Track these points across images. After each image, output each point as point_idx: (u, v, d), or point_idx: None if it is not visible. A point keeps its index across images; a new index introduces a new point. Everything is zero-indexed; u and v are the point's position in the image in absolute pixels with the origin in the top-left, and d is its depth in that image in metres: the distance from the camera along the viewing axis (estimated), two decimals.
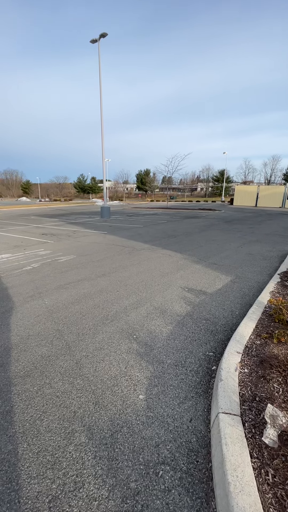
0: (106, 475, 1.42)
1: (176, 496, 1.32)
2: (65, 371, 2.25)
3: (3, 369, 2.28)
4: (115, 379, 2.15)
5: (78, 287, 4.26)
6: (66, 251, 7.08)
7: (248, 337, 2.50)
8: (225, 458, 1.32)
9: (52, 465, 1.47)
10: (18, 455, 1.53)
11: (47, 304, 3.63)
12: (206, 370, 2.26)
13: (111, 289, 4.16)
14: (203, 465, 1.47)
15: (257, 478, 1.25)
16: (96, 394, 1.99)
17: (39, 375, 2.21)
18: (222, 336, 2.78)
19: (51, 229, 11.56)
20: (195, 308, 3.47)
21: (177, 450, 1.55)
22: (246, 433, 1.48)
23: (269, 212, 22.42)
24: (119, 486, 1.36)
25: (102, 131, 16.51)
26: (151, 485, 1.36)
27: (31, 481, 1.39)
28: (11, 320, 3.16)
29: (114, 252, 6.83)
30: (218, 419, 1.56)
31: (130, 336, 2.80)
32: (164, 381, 2.12)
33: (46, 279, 4.74)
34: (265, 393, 1.77)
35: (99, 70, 15.78)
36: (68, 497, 1.31)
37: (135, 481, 1.38)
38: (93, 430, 1.68)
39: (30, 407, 1.87)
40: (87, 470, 1.44)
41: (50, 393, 2.00)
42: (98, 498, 1.31)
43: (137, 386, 2.06)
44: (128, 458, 1.50)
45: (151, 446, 1.57)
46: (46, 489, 1.35)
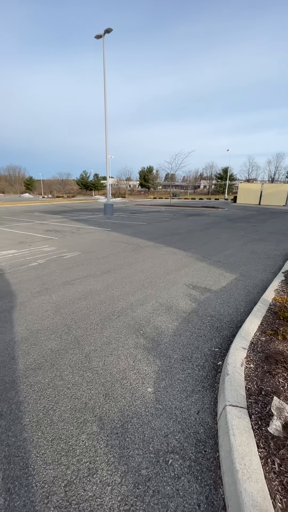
0: (118, 462, 1.48)
1: (186, 482, 1.38)
2: (74, 364, 2.31)
3: (15, 362, 2.35)
4: (123, 372, 2.21)
5: (84, 283, 4.33)
6: (71, 247, 7.15)
7: (254, 333, 2.55)
8: (233, 448, 1.38)
9: (66, 452, 1.54)
10: (33, 443, 1.59)
11: (55, 300, 3.69)
12: (212, 365, 2.31)
13: (116, 286, 4.21)
14: (211, 454, 1.53)
15: (264, 467, 1.31)
16: (106, 386, 2.05)
17: (50, 367, 2.27)
18: (227, 333, 2.83)
19: (55, 225, 11.63)
20: (200, 305, 3.52)
21: (186, 440, 1.61)
22: (253, 425, 1.53)
23: (272, 210, 22.33)
24: (130, 473, 1.42)
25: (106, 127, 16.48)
26: (161, 472, 1.43)
27: (47, 467, 1.46)
28: (20, 315, 3.23)
29: (119, 249, 6.88)
30: (226, 411, 1.62)
31: (137, 331, 2.86)
32: (172, 375, 2.18)
33: (52, 275, 4.81)
34: (270, 388, 1.82)
35: (104, 66, 15.71)
36: (83, 482, 1.38)
37: (146, 468, 1.44)
38: (104, 420, 1.75)
39: (42, 398, 1.94)
40: (99, 457, 1.51)
41: (61, 385, 2.07)
42: (111, 483, 1.38)
43: (145, 380, 2.12)
44: (138, 447, 1.57)
45: (160, 436, 1.63)
46: (62, 474, 1.42)
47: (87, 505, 1.28)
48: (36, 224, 12.00)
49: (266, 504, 1.14)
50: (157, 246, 7.28)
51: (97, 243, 7.71)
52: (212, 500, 1.30)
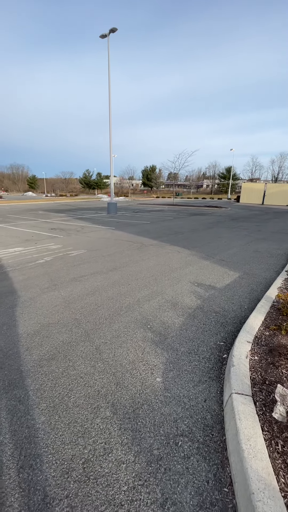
0: (131, 443, 1.59)
1: (195, 462, 1.48)
2: (86, 356, 2.43)
3: (29, 353, 2.47)
4: (133, 363, 2.32)
5: (91, 280, 4.44)
6: (76, 245, 7.26)
7: (258, 328, 2.65)
8: (239, 430, 1.48)
9: (82, 434, 1.65)
10: (51, 425, 1.71)
11: (63, 296, 3.81)
12: (218, 357, 2.41)
13: (123, 283, 4.32)
14: (218, 438, 1.63)
15: (268, 448, 1.41)
16: (117, 376, 2.16)
17: (63, 358, 2.39)
18: (232, 328, 2.93)
19: (60, 224, 11.76)
20: (205, 302, 3.62)
21: (194, 425, 1.71)
22: (257, 411, 1.63)
23: (276, 210, 22.32)
24: (143, 453, 1.53)
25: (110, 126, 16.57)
26: (171, 453, 1.53)
27: (65, 446, 1.57)
28: (31, 309, 3.35)
29: (123, 248, 6.99)
30: (232, 399, 1.72)
31: (145, 326, 2.96)
32: (179, 366, 2.28)
33: (60, 272, 4.92)
34: (274, 378, 1.92)
35: (108, 65, 15.79)
36: (99, 460, 1.49)
37: (157, 449, 1.55)
38: (117, 406, 1.86)
39: (57, 386, 2.05)
40: (114, 439, 1.62)
41: (74, 374, 2.18)
42: (125, 461, 1.48)
43: (154, 370, 2.23)
44: (150, 430, 1.67)
45: (170, 421, 1.74)
46: (79, 453, 1.53)
47: (104, 479, 1.39)
48: (40, 223, 12.15)
49: (270, 479, 1.24)
50: (161, 245, 7.38)
51: (102, 242, 7.82)
52: (219, 477, 1.41)
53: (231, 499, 1.30)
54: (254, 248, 7.11)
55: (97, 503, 1.29)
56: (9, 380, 2.11)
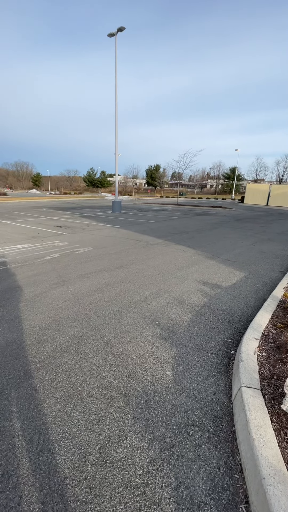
0: (144, 431, 1.66)
1: (206, 450, 1.55)
2: (97, 349, 2.50)
3: (42, 345, 2.54)
4: (143, 357, 2.39)
5: (99, 277, 4.51)
6: (82, 243, 7.35)
7: (265, 326, 2.70)
8: (249, 421, 1.54)
9: (97, 422, 1.72)
10: (67, 413, 1.78)
11: (72, 291, 3.89)
12: (226, 353, 2.47)
13: (130, 280, 4.39)
14: (227, 428, 1.69)
15: (277, 437, 1.47)
16: (128, 368, 2.23)
17: (75, 351, 2.46)
18: (239, 326, 2.99)
19: (65, 221, 11.85)
20: (212, 300, 3.68)
21: (204, 416, 1.78)
22: (266, 403, 1.69)
23: (280, 211, 22.25)
24: (156, 440, 1.60)
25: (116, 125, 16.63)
26: (183, 441, 1.60)
27: (81, 433, 1.65)
28: (42, 304, 3.43)
29: (129, 246, 7.06)
30: (241, 391, 1.78)
31: (153, 322, 3.03)
32: (188, 361, 2.35)
33: (67, 268, 5.01)
34: (282, 373, 1.97)
35: (116, 64, 15.83)
36: (115, 446, 1.56)
37: (170, 437, 1.62)
38: (129, 397, 1.93)
39: (71, 377, 2.12)
40: (128, 427, 1.69)
41: (87, 366, 2.26)
42: (140, 448, 1.55)
43: (164, 364, 2.30)
44: (162, 420, 1.74)
45: (181, 412, 1.80)
46: (95, 439, 1.60)
47: (120, 464, 1.46)
48: (46, 220, 12.25)
49: (280, 465, 1.30)
50: (166, 244, 7.44)
51: (108, 240, 7.89)
52: (230, 464, 1.47)
53: (242, 485, 1.37)
54: (259, 249, 7.14)
55: (114, 485, 1.36)
56: (24, 370, 2.19)
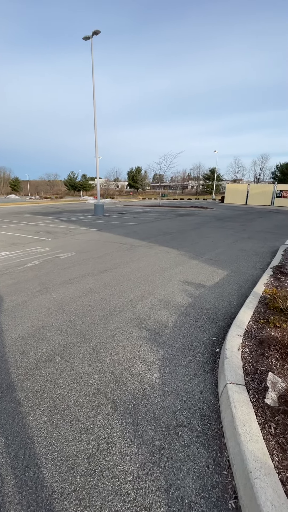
0: (133, 436, 1.65)
1: (195, 449, 1.56)
2: (83, 356, 2.46)
3: (25, 356, 2.46)
4: (130, 361, 2.38)
5: (83, 282, 4.45)
6: (65, 248, 7.22)
7: (247, 322, 2.78)
8: (235, 417, 1.58)
9: (85, 430, 1.69)
10: (53, 424, 1.73)
11: (56, 298, 3.80)
12: (211, 352, 2.52)
13: (115, 284, 4.37)
14: (215, 426, 1.72)
15: (262, 431, 1.51)
16: (115, 374, 2.21)
17: (60, 359, 2.41)
18: (223, 324, 3.05)
19: (46, 227, 11.60)
20: (196, 300, 3.74)
21: (192, 415, 1.80)
22: (251, 398, 1.74)
23: (259, 210, 23.05)
24: (145, 444, 1.60)
25: (95, 129, 16.55)
26: (173, 442, 1.61)
27: (69, 443, 1.61)
28: (24, 313, 3.33)
29: (113, 249, 7.02)
30: (227, 388, 1.82)
31: (139, 325, 3.03)
32: (175, 362, 2.37)
33: (50, 275, 4.89)
34: (265, 367, 2.04)
35: (92, 67, 15.78)
36: (104, 454, 1.54)
37: (159, 440, 1.62)
38: (117, 403, 1.91)
39: (56, 386, 2.07)
40: (116, 433, 1.67)
41: (73, 374, 2.21)
42: (129, 453, 1.54)
43: (151, 367, 2.30)
44: (150, 423, 1.74)
45: (169, 413, 1.81)
46: (84, 449, 1.57)
47: (110, 472, 1.44)
48: (26, 226, 11.93)
49: (266, 458, 1.34)
50: (150, 246, 7.47)
51: (91, 244, 7.81)
52: (218, 461, 1.49)
53: (230, 480, 1.39)
54: (240, 247, 7.35)
55: (104, 494, 1.34)
56: (7, 383, 2.11)
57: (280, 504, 1.13)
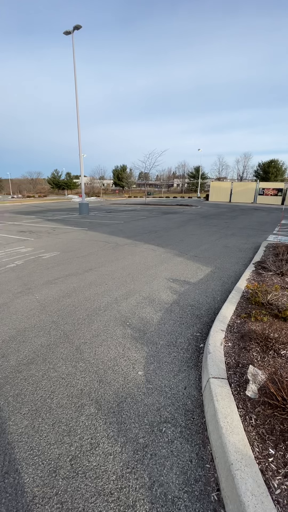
0: (117, 435, 1.63)
1: (178, 445, 1.57)
2: (66, 357, 2.41)
3: (6, 359, 2.39)
4: (114, 360, 2.36)
5: (67, 282, 4.37)
6: (49, 248, 7.06)
7: (230, 317, 2.83)
8: (217, 410, 1.60)
9: (68, 432, 1.66)
10: (35, 428, 1.69)
11: (38, 299, 3.71)
12: (195, 347, 2.54)
13: (99, 283, 4.32)
14: (198, 420, 1.74)
15: (243, 422, 1.54)
16: (99, 373, 2.19)
17: (42, 361, 2.35)
18: (207, 319, 3.09)
19: (29, 226, 11.30)
20: (181, 296, 3.77)
21: (176, 411, 1.81)
22: (233, 391, 1.77)
23: (242, 207, 23.56)
24: (129, 443, 1.59)
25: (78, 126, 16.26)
26: (156, 439, 1.61)
27: (51, 447, 1.57)
28: (5, 315, 3.22)
29: (98, 248, 6.94)
30: (209, 383, 1.84)
31: (124, 323, 3.01)
32: (159, 358, 2.37)
33: (33, 275, 4.77)
34: (246, 360, 2.08)
35: (74, 62, 15.47)
36: (87, 455, 1.52)
37: (143, 437, 1.62)
38: (101, 403, 1.89)
39: (38, 389, 2.02)
40: (100, 433, 1.65)
41: (56, 376, 2.16)
42: (113, 453, 1.53)
43: (135, 365, 2.29)
44: (134, 421, 1.73)
45: (153, 410, 1.81)
46: (66, 451, 1.54)
47: (93, 473, 1.42)
48: (8, 225, 11.56)
49: (246, 449, 1.37)
50: (136, 244, 7.45)
51: (76, 243, 7.69)
52: (201, 455, 1.51)
53: (213, 473, 1.41)
54: (224, 244, 7.49)
55: (87, 496, 1.32)
56: None
57: (260, 494, 1.16)
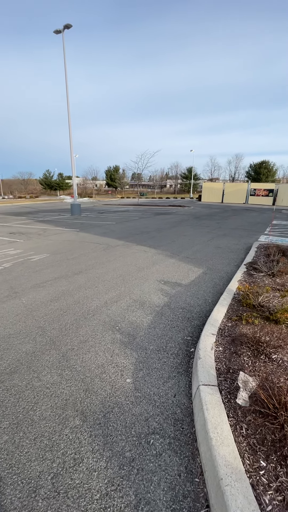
0: (102, 449, 1.55)
1: (167, 458, 1.50)
2: (52, 365, 2.31)
3: None
4: (102, 367, 2.27)
5: (56, 285, 4.25)
6: (38, 249, 6.91)
7: (221, 320, 2.78)
8: (207, 420, 1.54)
9: (51, 447, 1.57)
10: (15, 443, 1.59)
11: (25, 303, 3.59)
12: (186, 352, 2.48)
13: (89, 285, 4.22)
14: (188, 430, 1.67)
15: (233, 433, 1.48)
16: (86, 382, 2.10)
17: (26, 370, 2.24)
18: (198, 322, 3.04)
19: (19, 227, 11.07)
20: (172, 299, 3.70)
21: (165, 421, 1.74)
22: (223, 399, 1.71)
23: (234, 208, 23.75)
24: (115, 457, 1.51)
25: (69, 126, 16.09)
26: (144, 452, 1.53)
27: (31, 464, 1.48)
28: None
29: (89, 249, 6.83)
30: (199, 390, 1.78)
31: (113, 327, 2.93)
32: (148, 365, 2.30)
33: (21, 278, 4.63)
34: (237, 366, 2.03)
35: (64, 62, 15.30)
36: (69, 472, 1.43)
37: (129, 451, 1.54)
38: (86, 414, 1.80)
39: (21, 400, 1.92)
40: (84, 447, 1.56)
41: (40, 385, 2.07)
42: (97, 469, 1.44)
43: (123, 372, 2.21)
44: (121, 433, 1.65)
45: (141, 421, 1.74)
46: (48, 468, 1.45)
47: (75, 491, 1.34)
48: None
49: (237, 462, 1.31)
50: (127, 245, 7.37)
51: (66, 244, 7.55)
52: (190, 469, 1.44)
53: (202, 488, 1.35)
54: (216, 244, 7.48)
55: None
56: None
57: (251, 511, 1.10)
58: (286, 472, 1.27)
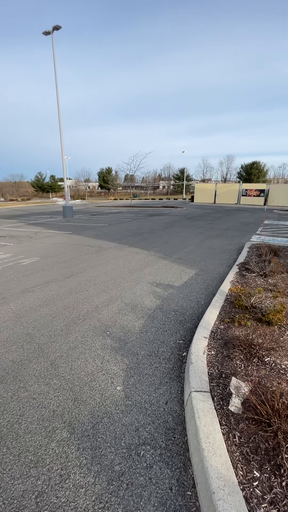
0: (90, 463, 1.48)
1: (158, 470, 1.44)
2: (39, 374, 2.23)
3: None
4: (92, 375, 2.20)
5: (46, 290, 4.15)
6: (29, 253, 6.77)
7: (213, 323, 2.74)
8: (199, 429, 1.48)
9: (35, 463, 1.49)
10: None
11: (13, 309, 3.48)
12: (178, 356, 2.43)
13: (80, 289, 4.13)
14: (180, 439, 1.61)
15: (226, 442, 1.43)
16: (74, 391, 2.02)
17: (12, 380, 2.15)
18: (190, 325, 2.99)
19: (10, 231, 10.88)
20: (164, 301, 3.65)
21: (156, 430, 1.67)
22: (215, 406, 1.66)
23: (226, 208, 23.93)
24: (104, 471, 1.44)
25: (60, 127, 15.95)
26: (134, 465, 1.47)
27: (15, 482, 1.39)
28: None
29: (81, 252, 6.73)
30: (191, 397, 1.73)
31: (104, 332, 2.85)
32: (140, 371, 2.23)
33: (9, 283, 4.51)
34: (230, 370, 1.99)
35: (54, 63, 15.17)
36: (55, 490, 1.35)
37: (119, 464, 1.47)
38: (74, 425, 1.72)
39: (5, 413, 1.83)
40: (71, 462, 1.49)
41: (26, 396, 1.98)
42: (84, 485, 1.37)
43: (114, 379, 2.14)
44: (110, 444, 1.58)
45: (131, 431, 1.67)
46: (32, 487, 1.37)
47: (61, 511, 1.26)
48: None
49: (229, 474, 1.26)
50: (120, 247, 7.30)
51: (58, 247, 7.43)
52: (182, 481, 1.38)
53: (194, 502, 1.29)
54: (208, 245, 7.48)
55: None
56: None
57: None
58: (280, 482, 1.23)
